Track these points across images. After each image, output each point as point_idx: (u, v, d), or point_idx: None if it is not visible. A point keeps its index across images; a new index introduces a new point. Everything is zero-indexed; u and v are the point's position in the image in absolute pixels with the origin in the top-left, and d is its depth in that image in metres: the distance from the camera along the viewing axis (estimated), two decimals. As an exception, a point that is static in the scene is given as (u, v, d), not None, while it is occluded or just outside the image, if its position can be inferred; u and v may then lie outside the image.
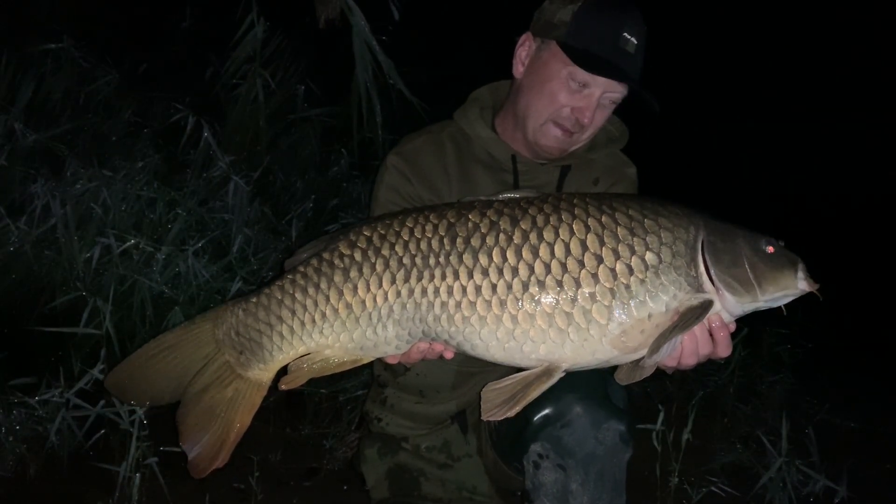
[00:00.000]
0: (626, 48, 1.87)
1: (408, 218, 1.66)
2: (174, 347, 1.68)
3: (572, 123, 1.95)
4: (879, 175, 9.53)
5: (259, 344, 1.67)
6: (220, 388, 1.68)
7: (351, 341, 1.64)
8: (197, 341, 1.69)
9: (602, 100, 1.93)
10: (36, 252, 3.07)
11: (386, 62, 4.38)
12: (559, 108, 1.93)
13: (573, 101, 1.92)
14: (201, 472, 1.68)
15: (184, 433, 1.68)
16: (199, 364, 1.69)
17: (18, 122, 3.68)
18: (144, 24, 5.36)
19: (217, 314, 1.70)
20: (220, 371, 1.69)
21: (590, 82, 1.90)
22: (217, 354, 1.69)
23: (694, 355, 1.60)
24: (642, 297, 1.54)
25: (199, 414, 1.67)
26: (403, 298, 1.60)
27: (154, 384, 1.70)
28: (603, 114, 1.98)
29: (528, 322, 1.55)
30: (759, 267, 1.57)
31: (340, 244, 1.66)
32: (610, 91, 1.92)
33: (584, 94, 1.91)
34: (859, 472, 3.04)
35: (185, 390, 1.68)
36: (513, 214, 1.61)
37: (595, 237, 1.56)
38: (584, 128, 1.96)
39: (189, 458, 1.68)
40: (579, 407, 1.84)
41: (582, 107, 1.92)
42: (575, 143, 2.02)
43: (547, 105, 1.95)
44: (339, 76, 4.68)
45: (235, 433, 1.68)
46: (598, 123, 1.98)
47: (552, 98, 1.94)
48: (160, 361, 1.68)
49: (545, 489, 1.88)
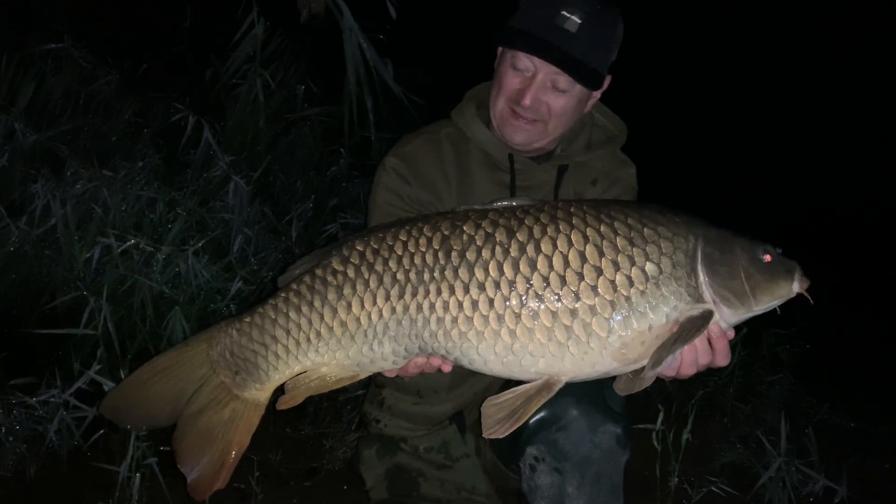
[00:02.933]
0: (563, 26, 1.84)
1: (401, 231, 1.63)
2: (169, 370, 1.66)
3: (523, 109, 1.92)
4: (879, 176, 9.52)
5: (254, 364, 1.64)
6: (216, 410, 1.66)
7: (347, 358, 1.62)
8: (191, 363, 1.67)
9: (547, 83, 1.89)
10: (36, 252, 3.07)
11: (377, 61, 4.38)
12: (508, 94, 1.93)
13: (517, 84, 1.91)
14: (202, 494, 1.66)
15: (182, 455, 1.66)
16: (195, 386, 1.66)
17: (19, 122, 3.68)
18: (144, 24, 5.37)
19: (211, 335, 1.68)
20: (217, 392, 1.66)
21: (529, 67, 1.89)
22: (212, 375, 1.66)
23: (693, 365, 1.59)
24: (643, 309, 1.52)
25: (197, 436, 1.65)
26: (399, 314, 1.57)
27: (150, 408, 1.68)
28: (557, 100, 1.92)
29: (527, 336, 1.52)
30: (756, 278, 1.56)
31: (333, 260, 1.63)
32: (551, 74, 1.88)
33: (528, 77, 1.90)
34: (859, 472, 3.04)
35: (182, 413, 1.66)
36: (509, 226, 1.58)
37: (594, 248, 1.54)
38: (540, 113, 1.92)
39: (189, 481, 1.66)
40: (575, 410, 1.83)
41: (522, 89, 1.90)
42: (544, 133, 1.97)
43: (499, 93, 1.96)
44: (339, 76, 4.68)
45: (235, 454, 1.66)
46: (556, 110, 1.93)
47: (500, 85, 1.95)
48: (155, 385, 1.65)
49: (541, 492, 1.88)
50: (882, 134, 9.99)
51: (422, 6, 5.37)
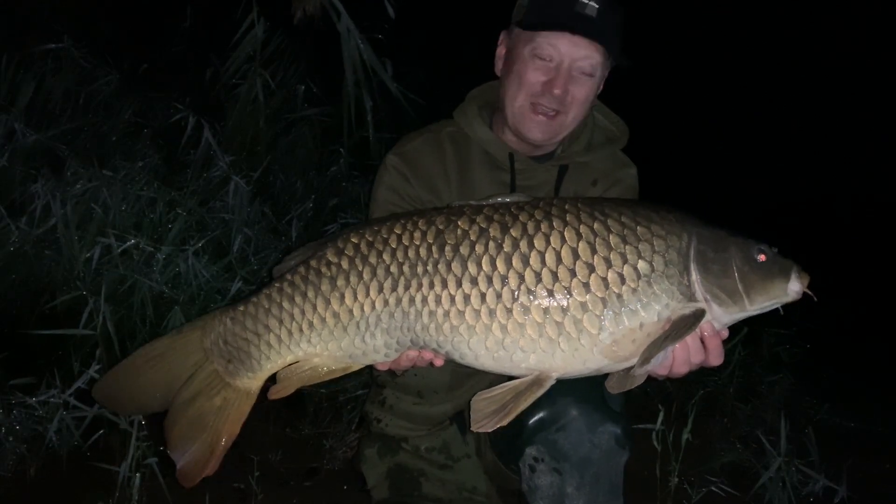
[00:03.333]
0: (584, 12, 1.85)
1: (396, 224, 1.63)
2: (162, 356, 1.67)
3: (549, 101, 1.92)
4: (879, 175, 9.52)
5: (247, 353, 1.65)
6: (208, 397, 1.67)
7: (339, 350, 1.62)
8: (185, 350, 1.68)
9: (572, 70, 1.90)
10: (36, 252, 3.07)
11: (375, 62, 4.38)
12: (530, 88, 1.92)
13: (542, 76, 1.91)
14: (191, 480, 1.67)
15: (172, 442, 1.67)
16: (188, 373, 1.67)
17: (19, 122, 3.68)
18: (144, 24, 5.37)
19: (205, 323, 1.69)
20: (209, 380, 1.67)
21: (552, 54, 1.89)
22: (205, 363, 1.68)
23: (686, 364, 1.59)
24: (634, 307, 1.51)
25: (188, 423, 1.66)
26: (391, 307, 1.57)
27: (142, 393, 1.69)
28: (580, 88, 1.93)
29: (518, 331, 1.52)
30: (749, 277, 1.55)
31: (328, 251, 1.64)
32: (577, 59, 1.88)
33: (552, 67, 1.90)
34: (859, 472, 3.04)
35: (174, 399, 1.66)
36: (503, 221, 1.58)
37: (587, 245, 1.54)
38: (566, 104, 1.93)
39: (178, 467, 1.67)
40: (575, 410, 1.83)
41: (551, 79, 1.90)
42: (562, 126, 1.98)
43: (519, 88, 1.94)
44: (339, 76, 4.68)
45: (224, 442, 1.67)
46: (578, 98, 1.93)
47: (521, 79, 1.93)
48: (148, 371, 1.66)
49: (541, 492, 1.88)
50: (880, 133, 9.99)
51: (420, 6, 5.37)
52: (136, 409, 1.84)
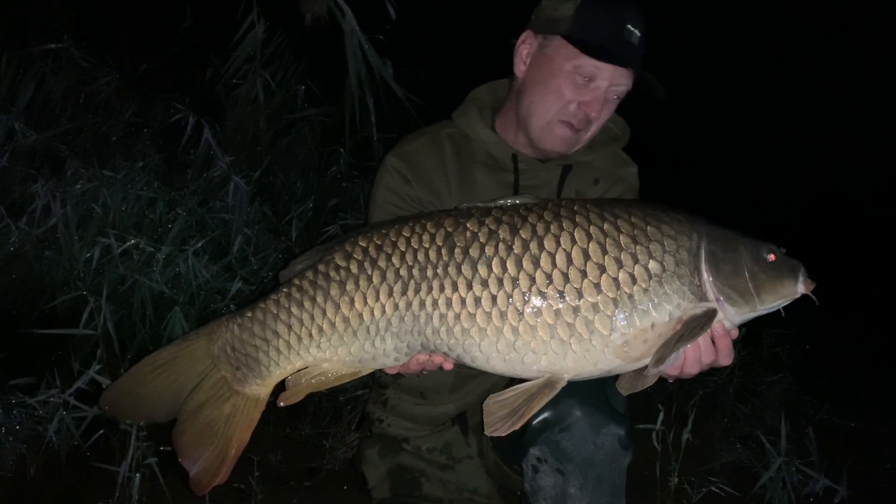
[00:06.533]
0: (630, 39, 1.86)
1: (404, 227, 1.62)
2: (169, 364, 1.65)
3: (579, 120, 1.93)
4: (880, 176, 9.52)
5: (255, 359, 1.64)
6: (217, 405, 1.66)
7: (349, 355, 1.61)
8: (192, 357, 1.66)
9: (608, 93, 1.91)
10: (36, 252, 3.07)
11: (378, 63, 4.38)
12: (566, 104, 1.92)
13: (580, 95, 1.90)
14: (203, 488, 1.66)
15: (182, 450, 1.66)
16: (195, 381, 1.66)
17: (19, 122, 3.68)
18: (144, 24, 5.37)
19: (211, 329, 1.67)
20: (217, 387, 1.66)
21: (596, 75, 1.88)
22: (213, 370, 1.66)
23: (697, 364, 1.58)
24: (645, 307, 1.51)
25: (198, 431, 1.65)
26: (401, 311, 1.56)
27: (150, 402, 1.67)
28: (608, 109, 1.96)
29: (530, 334, 1.52)
30: (760, 277, 1.55)
31: (336, 255, 1.62)
32: (615, 84, 1.90)
33: (591, 88, 1.90)
34: (859, 472, 3.05)
35: (182, 407, 1.65)
36: (512, 223, 1.57)
37: (597, 245, 1.53)
38: (591, 123, 1.95)
39: (190, 476, 1.66)
40: (578, 411, 1.82)
41: (589, 100, 1.90)
42: (580, 141, 2.00)
43: (554, 101, 1.93)
44: (340, 76, 4.68)
45: (235, 449, 1.66)
46: (603, 119, 1.96)
47: (558, 94, 1.92)
48: (155, 379, 1.65)
49: (543, 493, 1.88)
50: (882, 135, 9.99)
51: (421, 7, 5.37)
52: (144, 418, 1.82)
